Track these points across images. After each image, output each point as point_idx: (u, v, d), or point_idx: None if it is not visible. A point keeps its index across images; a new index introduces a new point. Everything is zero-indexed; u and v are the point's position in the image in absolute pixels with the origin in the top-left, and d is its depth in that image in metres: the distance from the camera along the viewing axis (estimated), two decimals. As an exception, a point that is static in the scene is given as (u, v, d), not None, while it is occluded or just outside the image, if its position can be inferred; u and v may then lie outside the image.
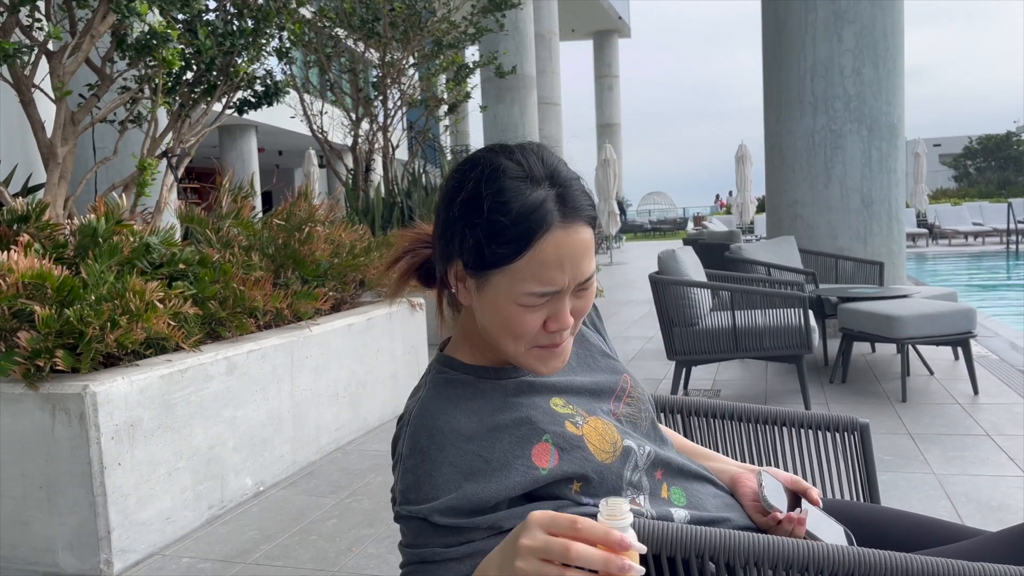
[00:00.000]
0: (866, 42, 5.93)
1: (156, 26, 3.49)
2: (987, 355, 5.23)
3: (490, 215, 0.95)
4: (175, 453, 2.74)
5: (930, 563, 0.98)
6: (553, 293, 0.97)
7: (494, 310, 0.99)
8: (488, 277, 0.97)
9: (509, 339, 1.00)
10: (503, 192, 0.95)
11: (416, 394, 1.07)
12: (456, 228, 0.98)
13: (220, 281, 3.21)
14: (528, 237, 0.94)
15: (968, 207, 20.31)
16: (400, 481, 0.97)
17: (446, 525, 0.94)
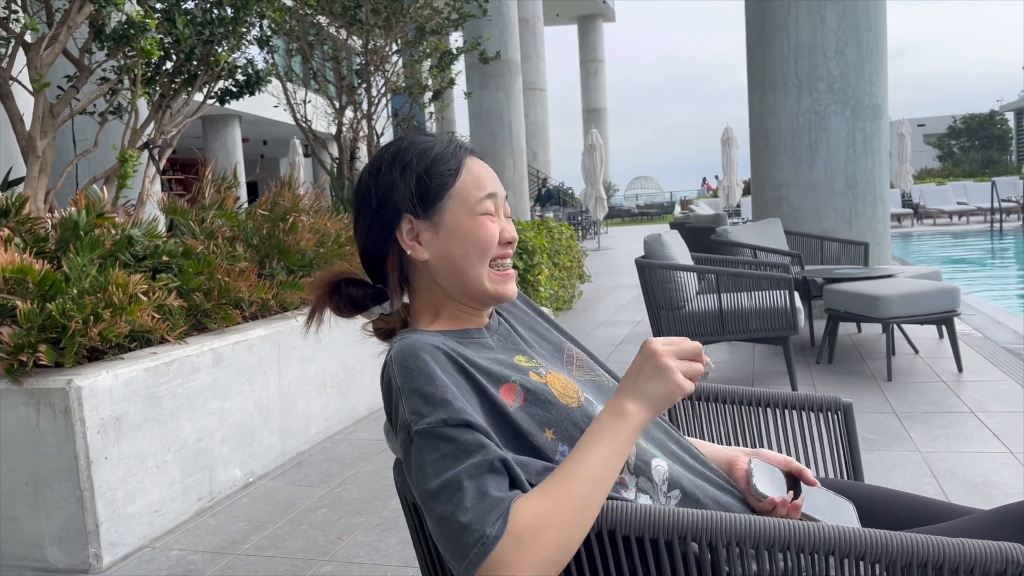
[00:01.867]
0: (849, 23, 5.93)
1: (134, 16, 3.45)
2: (971, 333, 5.28)
3: (421, 155, 1.17)
4: (162, 446, 2.73)
5: (914, 540, 0.99)
6: (493, 195, 1.17)
7: (458, 233, 1.15)
8: (441, 209, 1.15)
9: (476, 257, 1.15)
10: (417, 141, 1.19)
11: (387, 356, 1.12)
12: (394, 187, 1.16)
13: (204, 272, 3.19)
14: (458, 158, 1.17)
15: (952, 187, 20.42)
16: (405, 406, 1.02)
17: (472, 424, 1.00)
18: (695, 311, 4.22)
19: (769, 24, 6.19)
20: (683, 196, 31.55)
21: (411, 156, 1.17)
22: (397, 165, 1.17)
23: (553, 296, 7.11)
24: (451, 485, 0.96)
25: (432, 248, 1.16)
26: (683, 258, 4.53)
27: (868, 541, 0.98)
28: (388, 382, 1.07)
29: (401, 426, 1.02)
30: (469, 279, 1.16)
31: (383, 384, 1.09)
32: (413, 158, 1.17)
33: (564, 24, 33.35)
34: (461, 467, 0.97)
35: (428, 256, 1.16)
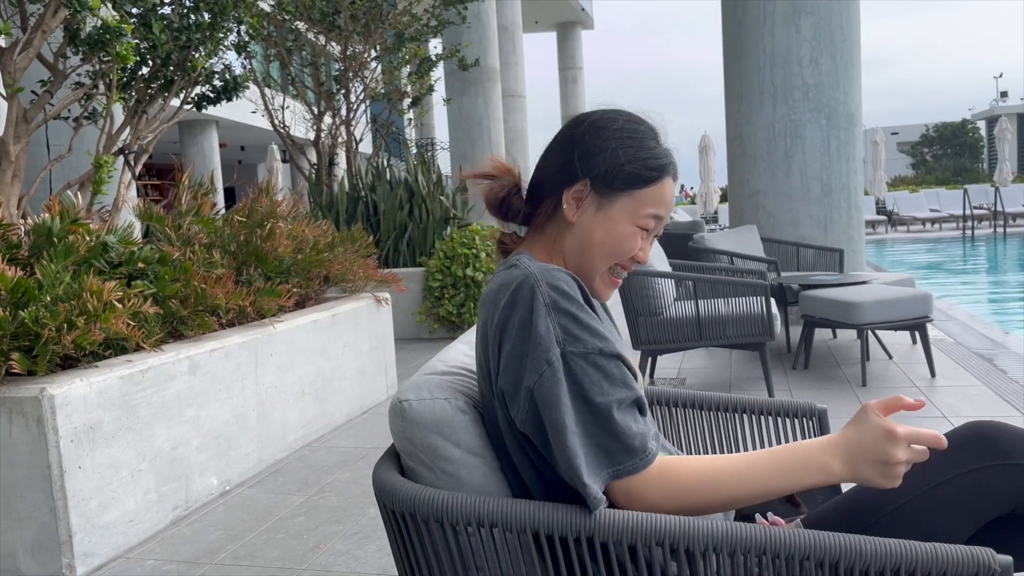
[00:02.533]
0: (823, 33, 6.01)
1: (109, 21, 3.42)
2: (944, 339, 5.36)
3: (643, 142, 1.20)
4: (137, 455, 2.70)
5: (888, 545, 1.01)
6: (659, 220, 1.21)
7: (611, 226, 1.19)
8: (615, 198, 1.19)
9: (606, 256, 1.20)
10: (647, 136, 1.21)
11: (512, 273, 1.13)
12: (601, 154, 1.18)
13: (181, 279, 3.17)
14: (662, 171, 1.20)
15: (925, 194, 20.72)
16: (554, 324, 1.06)
17: (622, 359, 1.09)
18: (673, 317, 4.25)
19: (745, 34, 6.25)
20: (661, 203, 31.69)
21: (636, 142, 1.20)
22: (619, 138, 1.19)
23: (532, 302, 7.12)
24: (604, 408, 1.04)
25: (583, 218, 1.20)
26: (661, 265, 4.56)
27: (843, 546, 1.00)
28: (531, 295, 1.08)
29: (553, 342, 1.05)
30: (585, 264, 1.21)
31: (515, 296, 1.09)
32: (635, 144, 1.19)
33: (543, 31, 33.46)
34: (618, 395, 1.06)
35: (575, 220, 1.20)
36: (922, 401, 1.05)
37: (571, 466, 1.02)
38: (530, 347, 1.06)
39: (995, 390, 3.99)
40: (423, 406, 1.15)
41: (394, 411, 1.17)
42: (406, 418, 1.16)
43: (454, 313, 6.42)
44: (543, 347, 1.05)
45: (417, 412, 1.15)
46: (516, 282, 1.10)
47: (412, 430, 1.15)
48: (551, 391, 1.04)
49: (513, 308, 1.09)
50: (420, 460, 1.15)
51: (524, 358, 1.06)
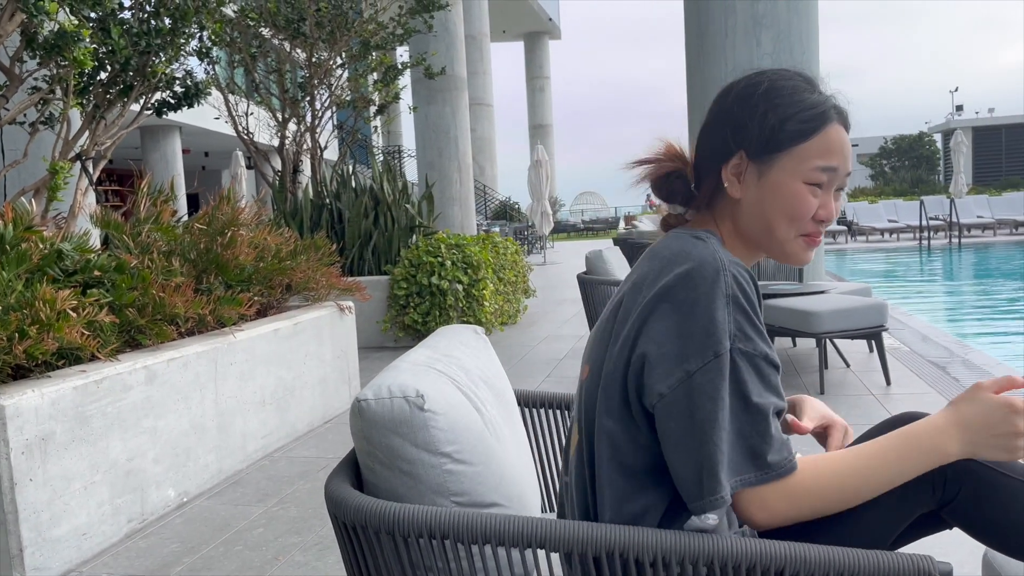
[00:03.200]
0: (783, 46, 6.12)
1: (67, 25, 3.37)
2: (899, 347, 5.47)
3: (792, 97, 1.14)
4: (91, 467, 2.65)
5: (829, 552, 1.03)
6: (833, 171, 1.13)
7: (777, 192, 1.14)
8: (774, 161, 1.14)
9: (785, 222, 1.15)
10: (798, 88, 1.15)
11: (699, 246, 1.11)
12: (749, 122, 1.14)
13: (138, 288, 3.12)
14: (822, 119, 1.13)
15: (884, 205, 21.16)
16: (731, 318, 1.04)
17: (779, 369, 1.08)
18: (635, 326, 4.28)
19: (707, 46, 6.35)
20: (627, 212, 31.98)
21: (781, 99, 1.14)
22: (764, 102, 1.15)
23: (498, 311, 7.13)
24: (762, 411, 1.04)
25: (749, 191, 1.16)
26: (623, 274, 4.60)
27: (786, 554, 1.02)
28: (714, 278, 1.05)
29: (725, 335, 1.03)
30: (768, 234, 1.17)
31: (698, 273, 1.06)
32: (783, 102, 1.14)
33: (511, 41, 33.63)
34: (774, 401, 1.06)
35: (741, 196, 1.17)
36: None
37: (708, 461, 1.01)
38: (701, 331, 1.03)
39: (947, 397, 4.08)
40: (381, 405, 1.16)
41: (353, 411, 1.18)
42: (364, 418, 1.16)
43: (419, 321, 6.40)
44: (716, 336, 1.03)
45: (375, 411, 1.15)
46: (701, 259, 1.07)
47: (370, 430, 1.16)
48: (712, 382, 1.02)
49: (692, 282, 1.05)
50: (378, 459, 1.16)
51: (691, 338, 1.03)
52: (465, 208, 13.98)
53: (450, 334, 1.60)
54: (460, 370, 1.41)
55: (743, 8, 6.11)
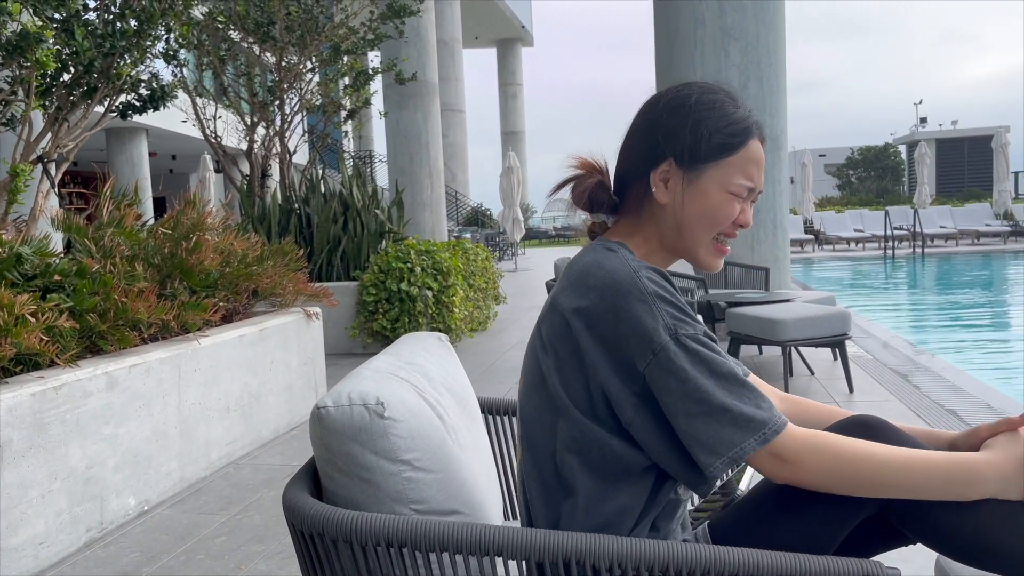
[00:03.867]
0: (751, 58, 6.21)
1: (29, 26, 3.32)
2: (862, 355, 5.56)
3: (719, 117, 1.19)
4: (49, 475, 2.60)
5: (781, 558, 1.04)
6: (751, 189, 1.20)
7: (703, 199, 1.19)
8: (702, 171, 1.19)
9: (706, 228, 1.20)
10: (725, 102, 1.21)
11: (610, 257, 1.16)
12: (680, 131, 1.19)
13: (100, 293, 3.08)
14: (746, 134, 1.19)
15: (850, 214, 21.51)
16: (661, 313, 1.09)
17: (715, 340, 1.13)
18: (603, 334, 4.30)
19: (677, 57, 6.42)
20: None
21: (712, 111, 1.19)
22: (695, 113, 1.19)
23: (468, 318, 7.13)
24: (732, 375, 1.08)
25: (675, 197, 1.21)
26: (592, 281, 4.62)
27: (739, 560, 1.03)
28: (631, 284, 1.10)
29: (662, 328, 1.08)
30: (686, 240, 1.22)
31: (614, 281, 1.11)
32: (712, 115, 1.19)
33: (483, 47, 33.67)
34: (733, 365, 1.10)
35: (667, 202, 1.21)
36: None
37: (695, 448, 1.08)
38: (634, 339, 1.09)
39: (908, 405, 4.16)
40: (340, 412, 1.15)
41: (313, 418, 1.18)
42: (323, 425, 1.15)
43: (388, 328, 6.37)
44: (648, 336, 1.08)
45: (334, 419, 1.15)
46: (614, 270, 1.12)
47: (329, 437, 1.15)
48: (662, 379, 1.08)
49: (611, 297, 1.11)
50: (337, 467, 1.16)
51: (628, 352, 1.10)
52: (436, 214, 13.96)
53: (414, 341, 1.60)
54: (423, 377, 1.41)
55: (712, 20, 6.19)
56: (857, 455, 1.09)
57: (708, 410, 1.07)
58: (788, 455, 1.08)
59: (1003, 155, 19.72)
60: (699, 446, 1.07)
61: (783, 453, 1.08)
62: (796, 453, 1.08)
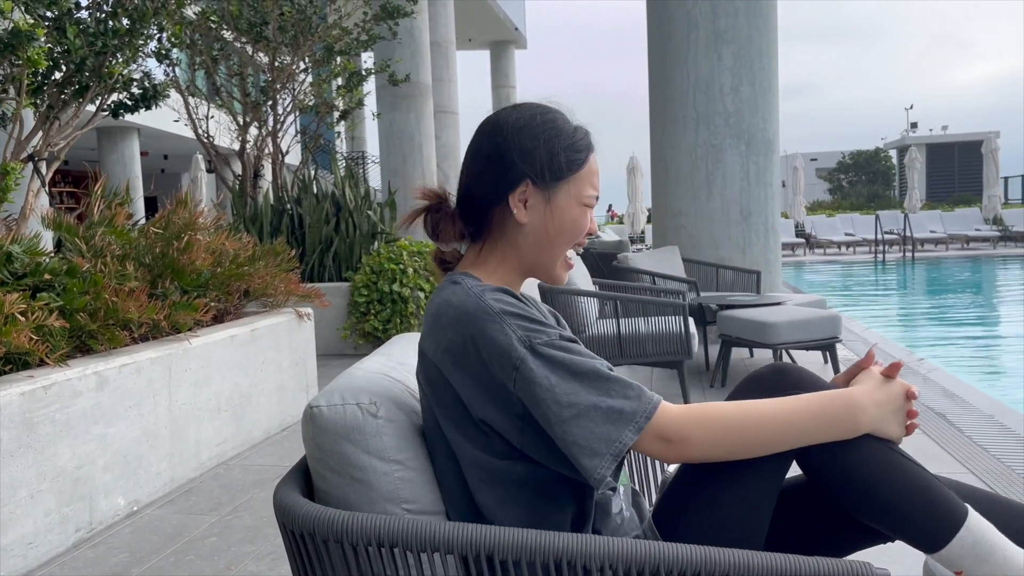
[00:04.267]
0: (743, 61, 6.23)
1: (21, 24, 3.30)
2: (853, 358, 5.58)
3: (566, 135, 1.23)
4: (37, 475, 2.59)
5: (766, 558, 1.05)
6: (597, 198, 1.26)
7: (562, 215, 1.23)
8: (557, 188, 1.22)
9: (566, 242, 1.25)
10: (566, 119, 1.26)
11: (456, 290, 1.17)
12: (534, 152, 1.21)
13: (90, 292, 3.06)
14: (588, 149, 1.25)
15: (841, 219, 21.60)
16: (512, 330, 1.10)
17: (578, 341, 1.15)
18: (595, 335, 4.31)
19: (670, 60, 6.44)
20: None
21: (559, 131, 1.23)
22: (545, 133, 1.22)
23: (459, 319, 7.11)
24: (596, 373, 1.09)
25: (533, 216, 1.23)
26: (584, 284, 4.63)
27: (727, 561, 1.03)
28: (476, 311, 1.12)
29: (516, 342, 1.09)
30: (546, 256, 1.25)
31: (463, 312, 1.13)
32: (560, 134, 1.23)
33: (477, 49, 33.65)
34: (594, 362, 1.10)
35: (526, 221, 1.23)
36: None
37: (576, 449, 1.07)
38: (496, 360, 1.10)
39: (898, 408, 4.17)
40: (333, 412, 1.15)
41: (305, 417, 1.18)
42: (316, 424, 1.16)
43: (380, 328, 6.37)
44: (506, 353, 1.09)
45: (327, 418, 1.15)
46: (460, 302, 1.14)
47: (322, 436, 1.15)
48: (530, 390, 1.09)
49: (463, 329, 1.12)
50: (329, 467, 1.16)
51: (496, 374, 1.11)
52: (429, 215, 13.92)
53: (405, 342, 1.60)
54: (415, 378, 1.41)
55: (705, 23, 6.22)
56: (739, 418, 1.12)
57: (578, 412, 1.07)
58: (671, 434, 1.09)
59: (993, 160, 19.84)
60: (578, 449, 1.07)
61: (666, 434, 1.09)
62: (679, 431, 1.10)
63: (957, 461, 3.28)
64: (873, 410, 1.15)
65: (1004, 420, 3.89)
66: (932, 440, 3.58)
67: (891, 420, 1.17)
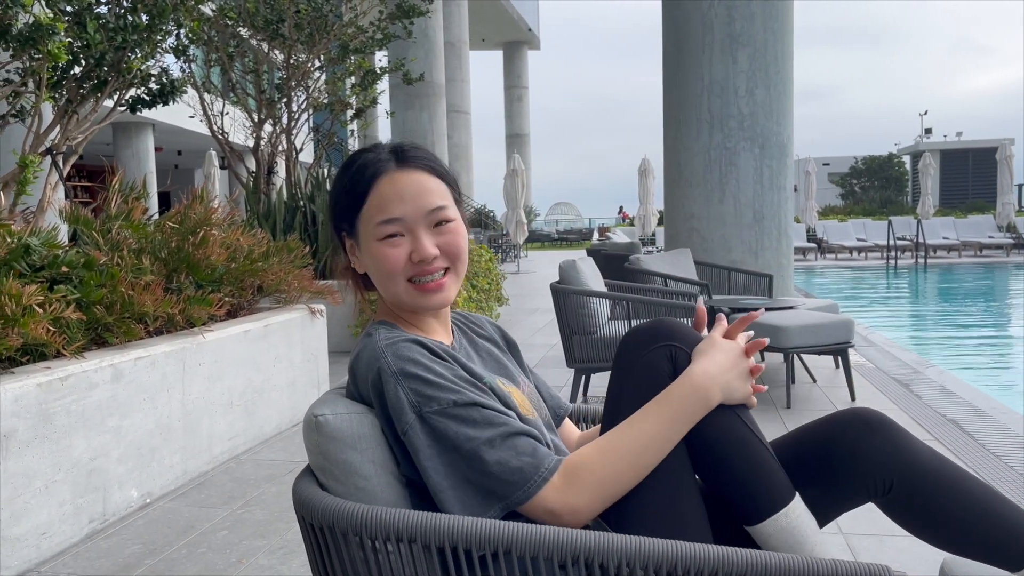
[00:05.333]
0: (759, 65, 6.22)
1: (41, 18, 3.33)
2: (865, 364, 5.56)
3: (343, 176, 1.22)
4: (53, 465, 2.61)
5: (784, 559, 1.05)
6: (395, 221, 1.17)
7: (370, 257, 1.20)
8: (358, 232, 1.21)
9: (388, 280, 1.20)
10: (353, 162, 1.22)
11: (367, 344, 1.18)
12: (336, 202, 1.23)
13: (107, 285, 3.08)
14: (370, 181, 1.19)
15: (853, 224, 21.50)
16: (407, 395, 1.10)
17: (479, 404, 1.11)
18: (606, 336, 4.31)
19: (685, 62, 6.43)
20: (601, 223, 32.15)
21: (343, 172, 1.23)
22: (335, 183, 1.25)
23: (470, 318, 7.12)
24: (475, 455, 1.08)
25: (365, 262, 1.23)
26: (596, 284, 4.63)
27: (743, 561, 1.03)
28: (377, 369, 1.12)
29: (407, 407, 1.10)
30: (389, 293, 1.23)
31: (368, 369, 1.14)
32: (343, 174, 1.23)
33: (490, 49, 33.71)
34: (485, 435, 1.08)
35: (363, 270, 1.25)
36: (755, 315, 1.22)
37: (475, 494, 1.09)
38: (395, 414, 1.11)
39: (910, 414, 4.16)
40: (339, 420, 1.14)
41: (309, 426, 1.15)
42: (322, 433, 1.13)
43: (390, 327, 6.37)
44: (400, 414, 1.11)
45: (333, 427, 1.13)
46: (366, 360, 1.16)
47: (327, 445, 1.13)
48: (417, 446, 1.10)
49: (369, 384, 1.15)
50: (334, 476, 1.13)
51: (391, 424, 1.13)
52: (440, 215, 13.95)
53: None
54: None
55: (720, 26, 6.20)
56: (611, 464, 1.12)
57: (453, 483, 1.09)
58: (557, 509, 1.09)
59: (1007, 167, 19.70)
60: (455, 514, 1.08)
61: (551, 509, 1.09)
62: (564, 504, 1.09)
63: (971, 469, 3.27)
64: (718, 384, 1.16)
65: (1017, 428, 3.87)
66: (946, 447, 3.57)
67: (736, 386, 1.18)
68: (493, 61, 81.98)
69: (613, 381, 1.26)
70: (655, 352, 1.22)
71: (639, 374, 1.22)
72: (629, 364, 1.24)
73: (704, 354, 1.19)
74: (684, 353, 1.22)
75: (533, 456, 1.10)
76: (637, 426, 1.14)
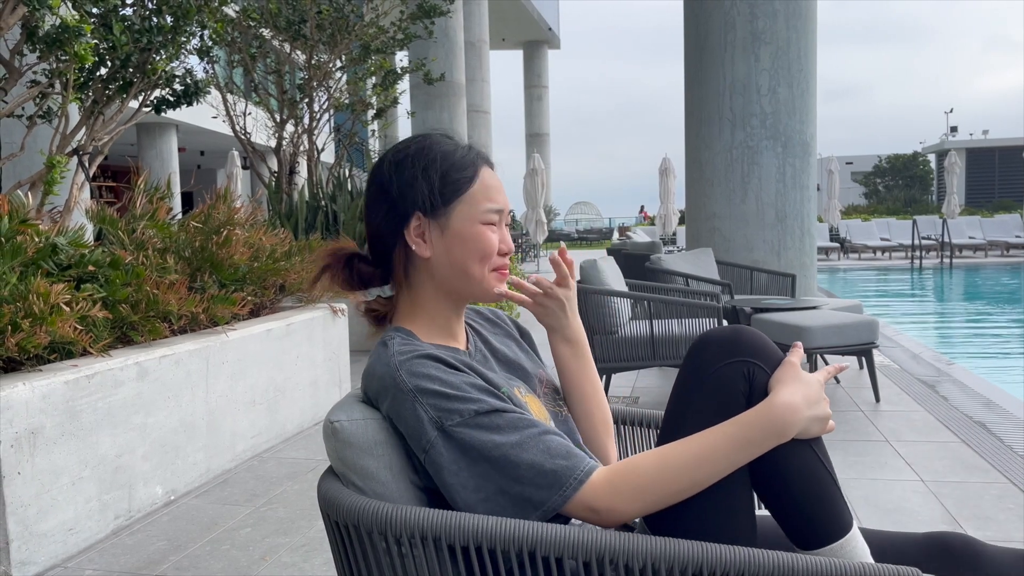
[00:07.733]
0: (781, 63, 6.17)
1: (68, 20, 3.37)
2: (889, 364, 5.50)
3: (443, 158, 1.22)
4: (79, 462, 2.64)
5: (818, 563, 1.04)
6: (500, 211, 1.23)
7: (463, 238, 1.21)
8: (450, 212, 1.20)
9: (477, 262, 1.21)
10: (442, 142, 1.24)
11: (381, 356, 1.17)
12: (413, 184, 1.20)
13: (132, 284, 3.12)
14: (475, 166, 1.23)
15: (876, 223, 21.26)
16: (426, 411, 1.09)
17: (501, 409, 1.11)
18: (628, 336, 4.29)
19: (706, 60, 6.39)
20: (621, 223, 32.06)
21: (434, 155, 1.22)
22: (420, 162, 1.21)
23: (490, 318, 7.13)
24: (508, 460, 1.07)
25: (436, 247, 1.21)
26: (617, 284, 4.61)
27: (772, 563, 1.02)
28: (395, 388, 1.12)
29: (428, 424, 1.09)
30: (463, 281, 1.22)
31: (382, 388, 1.14)
32: (436, 158, 1.21)
33: (510, 49, 33.70)
34: (512, 439, 1.08)
35: (431, 254, 1.21)
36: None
37: (511, 503, 1.08)
38: (411, 436, 1.11)
39: (936, 416, 4.11)
40: (355, 426, 1.13)
41: (326, 431, 1.15)
42: (339, 439, 1.13)
43: (411, 326, 6.39)
44: (418, 434, 1.10)
45: (349, 432, 1.13)
46: (381, 375, 1.14)
47: (344, 451, 1.13)
48: (438, 474, 1.09)
49: (385, 398, 1.14)
50: (352, 481, 1.14)
51: (409, 442, 1.12)
52: (460, 214, 13.98)
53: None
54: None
55: (743, 24, 6.16)
56: (659, 472, 1.09)
57: (486, 496, 1.07)
58: (599, 506, 1.07)
59: (1035, 166, 19.39)
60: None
61: (593, 506, 1.08)
62: (605, 502, 1.07)
63: (997, 471, 3.22)
64: (799, 421, 1.11)
65: (1046, 430, 3.81)
66: (972, 450, 3.52)
67: (815, 429, 1.13)
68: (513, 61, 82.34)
69: (680, 385, 1.22)
70: (732, 367, 1.17)
71: (711, 386, 1.17)
72: (701, 372, 1.19)
73: (786, 385, 1.13)
74: (763, 373, 1.17)
75: (567, 458, 1.08)
76: (704, 442, 1.10)
